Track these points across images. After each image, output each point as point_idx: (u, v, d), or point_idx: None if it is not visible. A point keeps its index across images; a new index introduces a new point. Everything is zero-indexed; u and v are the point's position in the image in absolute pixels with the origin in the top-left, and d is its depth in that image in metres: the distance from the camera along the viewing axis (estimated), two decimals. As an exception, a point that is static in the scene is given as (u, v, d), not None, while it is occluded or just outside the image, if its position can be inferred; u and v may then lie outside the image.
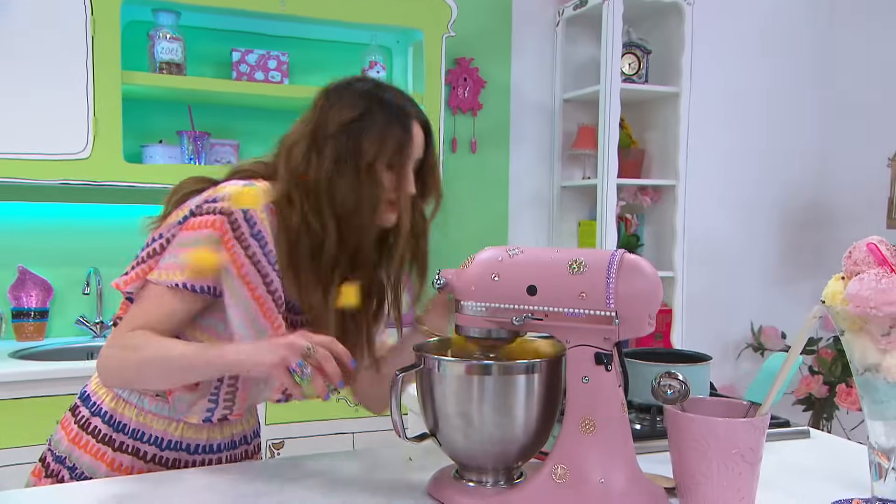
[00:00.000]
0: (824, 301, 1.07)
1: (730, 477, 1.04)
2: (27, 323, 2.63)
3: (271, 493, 1.12)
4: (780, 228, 3.71)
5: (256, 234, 1.18)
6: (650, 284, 1.02)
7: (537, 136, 3.32)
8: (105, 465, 1.23)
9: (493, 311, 1.06)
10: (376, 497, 1.11)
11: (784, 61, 3.64)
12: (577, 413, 1.02)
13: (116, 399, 1.25)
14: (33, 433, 2.17)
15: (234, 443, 1.33)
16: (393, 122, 1.21)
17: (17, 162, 2.33)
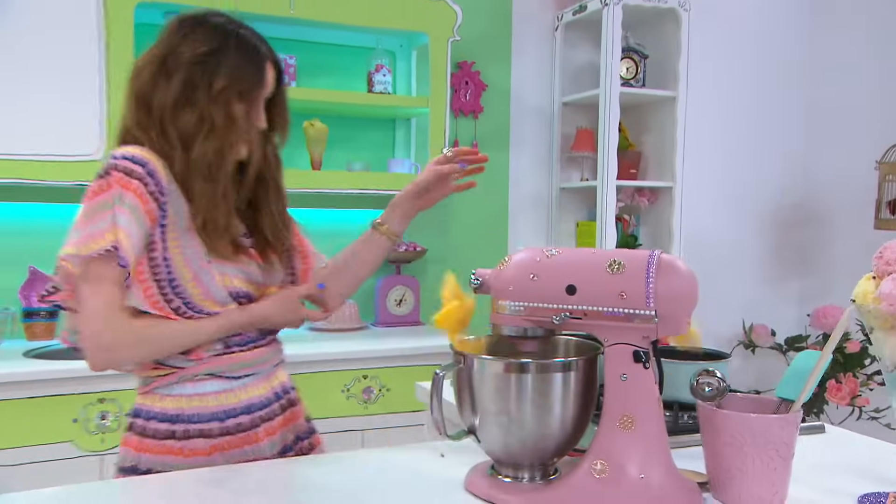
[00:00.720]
0: (854, 300, 1.07)
1: (765, 472, 1.04)
2: (37, 323, 2.59)
3: (309, 490, 1.11)
4: (769, 229, 3.73)
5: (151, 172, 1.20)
6: (688, 283, 1.02)
7: (536, 139, 3.32)
8: (178, 456, 1.24)
9: (531, 311, 1.05)
10: (415, 493, 1.11)
11: (773, 66, 3.67)
12: (615, 410, 1.02)
13: (162, 398, 1.27)
14: (46, 432, 2.15)
15: (279, 394, 1.37)
16: (247, 59, 1.25)
17: (32, 163, 2.30)
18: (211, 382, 1.27)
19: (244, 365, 1.30)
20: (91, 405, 2.19)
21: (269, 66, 1.29)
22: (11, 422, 2.11)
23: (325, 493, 1.11)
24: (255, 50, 1.27)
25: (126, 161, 1.19)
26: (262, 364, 1.34)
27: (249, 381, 1.31)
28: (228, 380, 1.29)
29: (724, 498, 1.07)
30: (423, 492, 1.11)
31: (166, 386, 1.26)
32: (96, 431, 2.19)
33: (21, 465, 2.12)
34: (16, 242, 2.60)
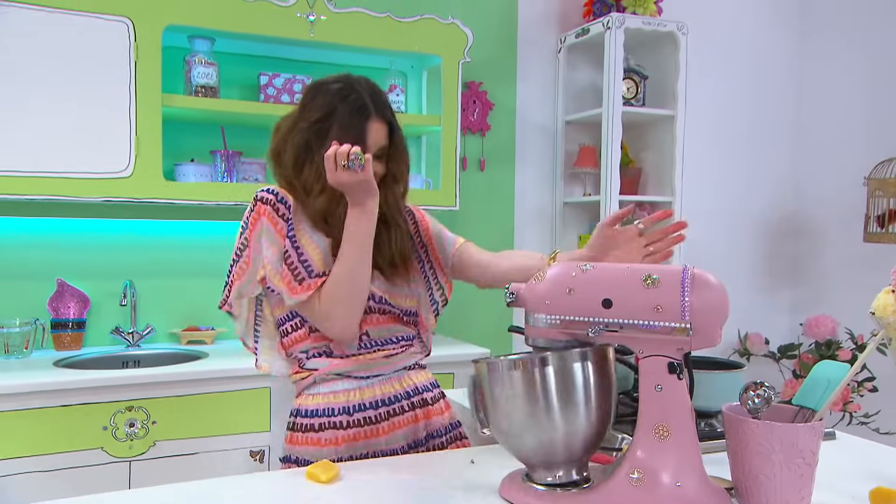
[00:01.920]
0: (874, 313, 1.08)
1: (791, 478, 1.04)
2: (65, 333, 2.58)
3: (342, 495, 1.11)
4: (762, 241, 3.75)
5: (282, 199, 1.38)
6: (720, 297, 1.02)
7: (541, 156, 3.33)
8: (316, 446, 1.38)
9: (567, 324, 1.05)
10: (452, 499, 1.10)
11: (766, 86, 3.69)
12: (651, 419, 1.02)
13: (305, 397, 1.43)
14: (77, 439, 2.14)
15: (409, 393, 1.45)
16: (351, 122, 1.36)
17: (64, 180, 2.29)
18: (341, 382, 1.41)
19: (369, 367, 1.41)
20: (120, 413, 2.18)
21: (376, 123, 1.38)
22: (43, 429, 2.10)
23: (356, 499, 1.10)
24: (360, 112, 1.36)
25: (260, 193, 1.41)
26: (386, 366, 1.43)
27: (377, 381, 1.42)
28: (357, 379, 1.41)
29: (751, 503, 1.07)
30: (459, 499, 1.10)
31: (310, 387, 1.42)
32: (125, 439, 2.18)
33: (53, 472, 2.10)
34: (45, 256, 2.59)
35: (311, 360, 1.42)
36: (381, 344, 1.43)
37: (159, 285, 2.72)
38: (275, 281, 1.35)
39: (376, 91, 1.41)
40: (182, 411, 2.24)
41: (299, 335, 1.41)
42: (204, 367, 2.32)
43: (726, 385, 1.44)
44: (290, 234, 1.37)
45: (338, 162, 1.26)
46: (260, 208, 1.38)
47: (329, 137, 1.35)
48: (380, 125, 1.39)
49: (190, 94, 2.52)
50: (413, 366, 1.50)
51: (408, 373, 1.48)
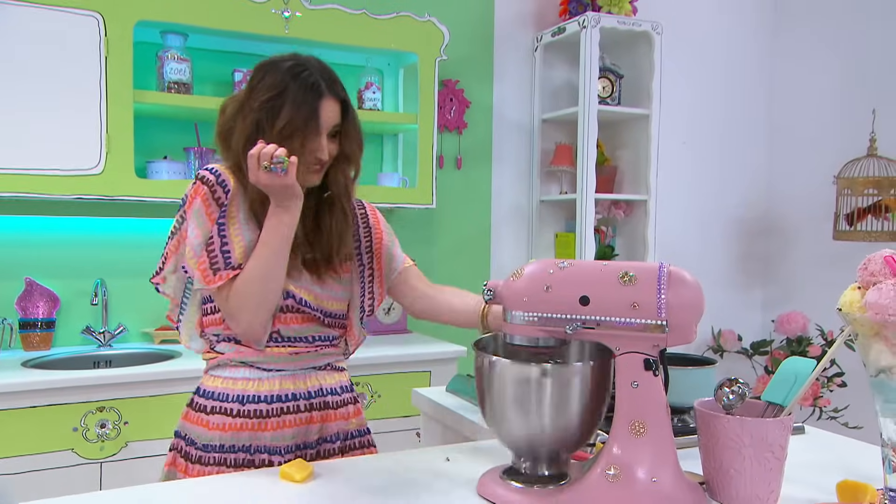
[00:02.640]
0: (841, 309, 1.10)
1: (761, 472, 1.06)
2: (34, 333, 2.53)
3: (319, 494, 1.10)
4: (735, 240, 3.80)
5: (221, 181, 1.34)
6: (695, 294, 1.03)
7: (517, 154, 3.34)
8: (204, 428, 1.37)
9: (544, 321, 1.06)
10: (429, 497, 1.09)
11: (738, 86, 3.74)
12: (627, 416, 1.02)
13: (209, 377, 1.42)
14: (47, 440, 2.10)
15: (310, 393, 1.41)
16: (303, 100, 1.32)
17: (34, 177, 2.25)
18: (242, 370, 1.38)
19: (273, 360, 1.38)
20: (91, 414, 2.15)
21: (329, 101, 1.35)
22: (12, 431, 2.06)
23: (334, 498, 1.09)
24: (313, 89, 1.33)
25: (200, 172, 1.38)
26: (291, 363, 1.40)
27: (278, 375, 1.39)
28: (259, 370, 1.38)
29: (722, 498, 1.08)
30: (437, 495, 1.10)
31: (214, 368, 1.41)
32: (96, 440, 2.15)
33: (23, 474, 2.07)
34: (13, 254, 2.54)
35: (220, 343, 1.40)
36: (292, 341, 1.40)
37: (131, 284, 2.68)
38: (191, 264, 1.32)
39: (327, 69, 1.38)
40: (154, 412, 2.21)
41: (216, 318, 1.39)
42: (177, 366, 2.30)
43: (699, 381, 1.46)
44: (220, 221, 1.33)
45: (260, 162, 1.23)
46: (198, 188, 1.35)
47: (281, 116, 1.31)
48: (333, 103, 1.36)
49: (162, 90, 2.49)
50: (325, 366, 1.46)
51: (316, 372, 1.44)
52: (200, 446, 1.37)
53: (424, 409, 1.83)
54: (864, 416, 3.09)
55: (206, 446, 1.36)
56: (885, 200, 3.07)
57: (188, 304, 1.42)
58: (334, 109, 1.36)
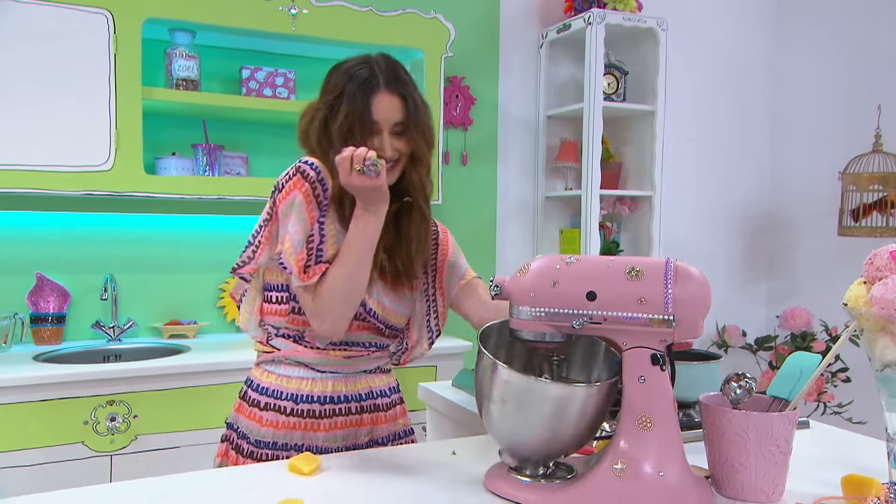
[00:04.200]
0: (846, 304, 1.09)
1: (766, 466, 1.06)
2: (45, 328, 2.54)
3: (324, 486, 1.10)
4: (739, 236, 3.79)
5: (321, 179, 1.33)
6: (702, 288, 1.03)
7: (523, 150, 3.34)
8: (258, 423, 1.37)
9: (552, 316, 1.05)
10: (436, 490, 1.09)
11: (743, 82, 3.72)
12: (634, 411, 1.02)
13: (261, 371, 1.41)
14: (58, 433, 2.11)
15: (361, 395, 1.42)
16: (357, 96, 1.30)
17: (44, 174, 2.25)
18: (297, 369, 1.38)
19: (328, 362, 1.38)
20: (101, 407, 2.15)
21: (384, 96, 1.31)
22: (24, 424, 2.07)
23: (342, 492, 1.09)
24: (365, 84, 1.31)
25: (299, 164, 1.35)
26: (345, 366, 1.40)
27: (331, 377, 1.39)
28: (313, 370, 1.38)
29: (728, 491, 1.08)
30: (444, 489, 1.10)
31: (268, 363, 1.40)
32: (106, 433, 2.16)
33: (33, 466, 2.08)
34: (24, 250, 2.55)
35: (277, 338, 1.39)
36: (349, 345, 1.39)
37: (140, 279, 2.69)
38: (290, 259, 1.28)
39: (392, 65, 1.35)
40: (164, 405, 2.22)
41: (279, 309, 1.37)
42: (186, 360, 2.30)
43: (704, 376, 1.46)
44: (321, 220, 1.32)
45: (353, 165, 1.21)
46: (299, 182, 1.31)
47: (339, 115, 1.31)
48: (390, 97, 1.31)
49: (171, 87, 2.49)
50: (374, 369, 1.45)
51: (367, 375, 1.44)
52: (253, 441, 1.37)
53: (430, 404, 1.83)
54: (869, 412, 3.08)
55: (258, 442, 1.37)
56: (891, 196, 3.05)
57: (249, 287, 1.40)
58: (393, 104, 1.32)
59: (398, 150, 1.35)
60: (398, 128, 1.34)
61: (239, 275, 1.37)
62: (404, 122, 1.34)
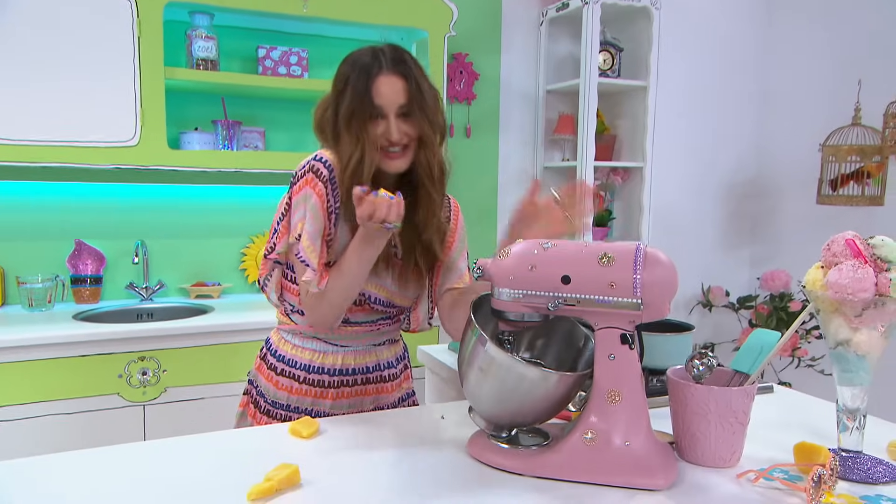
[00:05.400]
0: (805, 286, 1.09)
1: (725, 435, 1.06)
2: (84, 288, 2.58)
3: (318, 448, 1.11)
4: (725, 202, 3.74)
5: (332, 178, 1.28)
6: (669, 273, 1.01)
7: (523, 123, 3.29)
8: (274, 386, 1.40)
9: (529, 298, 1.05)
10: (421, 455, 1.10)
11: (732, 58, 3.62)
12: (604, 386, 1.02)
13: (280, 338, 1.42)
14: (96, 386, 2.16)
15: (368, 368, 1.41)
16: (358, 80, 1.24)
17: (77, 149, 2.25)
18: (312, 342, 1.39)
19: (339, 337, 1.38)
20: (133, 363, 2.19)
21: (386, 78, 1.24)
22: (66, 377, 2.12)
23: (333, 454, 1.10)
24: (365, 69, 1.24)
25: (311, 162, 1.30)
26: (354, 340, 1.39)
27: (342, 350, 1.39)
28: (326, 343, 1.38)
29: (689, 457, 1.09)
30: (429, 453, 1.11)
31: (286, 332, 1.41)
32: (139, 385, 2.20)
33: (75, 414, 2.13)
34: (63, 217, 2.57)
35: (294, 313, 1.38)
36: (358, 324, 1.38)
37: (169, 244, 2.71)
38: (311, 257, 1.24)
39: (397, 51, 1.27)
40: (190, 361, 2.26)
41: (295, 289, 1.35)
42: (209, 321, 2.33)
43: (677, 346, 1.46)
44: (334, 219, 1.28)
45: (375, 217, 1.12)
46: (313, 182, 1.26)
47: (343, 103, 1.25)
48: (393, 80, 1.24)
49: (192, 66, 2.46)
50: (384, 342, 1.44)
51: (376, 348, 1.43)
52: (269, 401, 1.40)
53: (429, 366, 1.85)
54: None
55: (273, 402, 1.39)
56: (867, 167, 3.00)
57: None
58: (396, 86, 1.24)
59: (406, 133, 1.27)
60: (403, 109, 1.26)
61: (271, 259, 1.33)
62: (408, 104, 1.26)
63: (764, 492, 0.99)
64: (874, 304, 1.01)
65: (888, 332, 1.04)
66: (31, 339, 2.08)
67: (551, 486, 1.01)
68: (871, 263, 1.02)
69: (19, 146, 2.20)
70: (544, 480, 1.02)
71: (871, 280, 1.00)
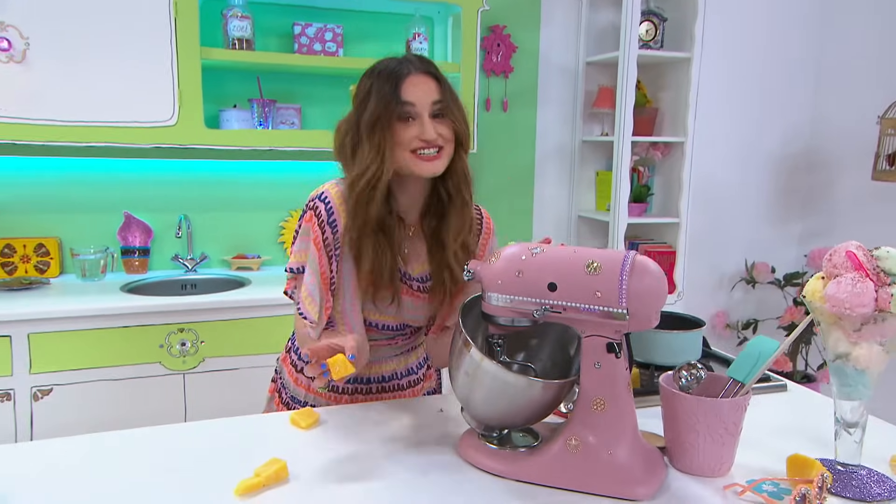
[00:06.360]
0: (805, 297, 1.04)
1: (714, 446, 1.04)
2: (133, 259, 2.69)
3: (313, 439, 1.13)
4: (774, 176, 3.57)
5: (331, 222, 1.23)
6: (657, 283, 0.98)
7: (561, 96, 3.20)
8: (294, 383, 1.40)
9: (516, 303, 1.03)
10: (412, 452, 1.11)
11: (784, 24, 3.42)
12: (589, 394, 1.00)
13: None
14: (140, 354, 2.26)
15: (383, 377, 1.39)
16: (384, 83, 1.19)
17: (119, 129, 2.32)
18: None
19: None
20: (173, 334, 2.29)
21: (416, 78, 1.19)
22: (111, 345, 2.22)
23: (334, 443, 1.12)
24: (393, 73, 1.19)
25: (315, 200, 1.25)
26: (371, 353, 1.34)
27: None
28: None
29: (678, 465, 1.07)
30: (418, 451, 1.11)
31: None
32: (178, 355, 2.30)
33: (122, 380, 2.25)
34: (113, 191, 2.67)
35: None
36: (374, 339, 1.34)
37: (210, 217, 2.79)
38: (311, 310, 1.22)
39: (422, 57, 1.24)
40: (226, 333, 2.34)
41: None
42: (244, 295, 2.39)
43: (686, 343, 1.43)
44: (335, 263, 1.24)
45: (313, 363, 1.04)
46: (310, 218, 1.23)
47: (367, 109, 1.18)
48: (423, 78, 1.19)
49: (227, 46, 2.49)
50: (401, 352, 1.41)
51: (395, 358, 1.40)
52: (289, 395, 1.41)
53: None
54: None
55: (293, 397, 1.40)
56: (927, 143, 2.81)
57: None
58: (428, 84, 1.19)
59: (441, 134, 1.19)
60: (438, 107, 1.20)
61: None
62: (443, 101, 1.20)
63: (748, 506, 0.97)
64: (873, 319, 0.96)
65: (890, 347, 0.99)
66: (81, 310, 2.19)
67: (532, 491, 1.01)
68: (874, 276, 0.96)
69: (67, 127, 2.29)
70: (526, 485, 1.02)
71: (870, 295, 0.95)
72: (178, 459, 1.07)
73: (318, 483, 1.01)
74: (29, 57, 2.24)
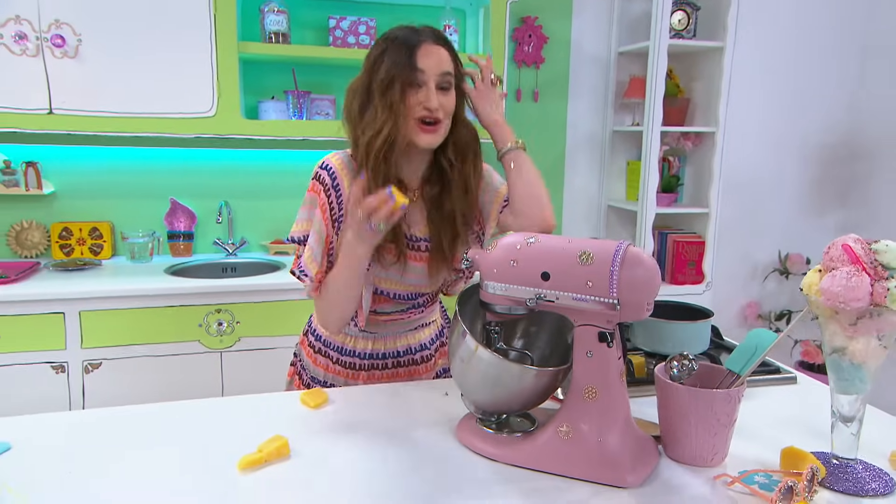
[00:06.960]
0: (802, 290, 1.01)
1: (706, 437, 1.02)
2: (178, 243, 2.78)
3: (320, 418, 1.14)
4: (811, 165, 3.44)
5: (335, 185, 1.26)
6: (649, 274, 0.96)
7: (593, 86, 3.15)
8: (312, 362, 1.43)
9: (511, 292, 1.03)
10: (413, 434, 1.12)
11: (820, 8, 3.29)
12: (581, 382, 0.99)
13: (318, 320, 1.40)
14: (180, 332, 2.33)
15: (398, 352, 1.41)
16: (399, 51, 1.19)
17: (163, 120, 2.39)
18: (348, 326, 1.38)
19: (368, 325, 1.37)
20: (211, 314, 2.36)
21: (429, 47, 1.19)
22: (154, 324, 2.31)
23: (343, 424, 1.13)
24: (408, 38, 1.19)
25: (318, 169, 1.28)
26: (385, 328, 1.39)
27: (372, 336, 1.39)
28: (357, 328, 1.37)
29: (672, 454, 1.05)
30: (419, 433, 1.12)
31: None
32: (216, 334, 2.38)
33: (164, 357, 2.33)
34: (159, 179, 2.76)
35: None
36: (387, 313, 1.37)
37: (249, 204, 2.85)
38: (311, 268, 1.25)
39: (434, 28, 1.24)
40: (260, 314, 2.40)
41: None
42: (275, 279, 2.45)
43: (693, 334, 1.40)
44: (338, 226, 1.26)
45: (363, 213, 1.10)
46: (316, 187, 1.26)
47: (381, 69, 1.19)
48: (436, 48, 1.19)
49: (264, 40, 2.53)
50: (417, 326, 1.43)
51: (408, 333, 1.42)
52: (309, 376, 1.44)
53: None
54: None
55: (312, 377, 1.43)
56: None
57: None
58: (441, 54, 1.20)
59: (443, 106, 1.21)
60: (446, 79, 1.20)
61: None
62: (452, 74, 1.21)
63: (736, 497, 0.95)
64: (869, 313, 0.93)
65: (888, 342, 0.95)
66: (128, 290, 2.29)
67: (523, 475, 1.01)
68: (871, 270, 0.93)
69: (117, 118, 2.37)
70: (519, 469, 1.02)
71: (865, 289, 0.91)
72: (187, 434, 1.10)
73: (318, 461, 1.03)
74: (81, 52, 2.32)
